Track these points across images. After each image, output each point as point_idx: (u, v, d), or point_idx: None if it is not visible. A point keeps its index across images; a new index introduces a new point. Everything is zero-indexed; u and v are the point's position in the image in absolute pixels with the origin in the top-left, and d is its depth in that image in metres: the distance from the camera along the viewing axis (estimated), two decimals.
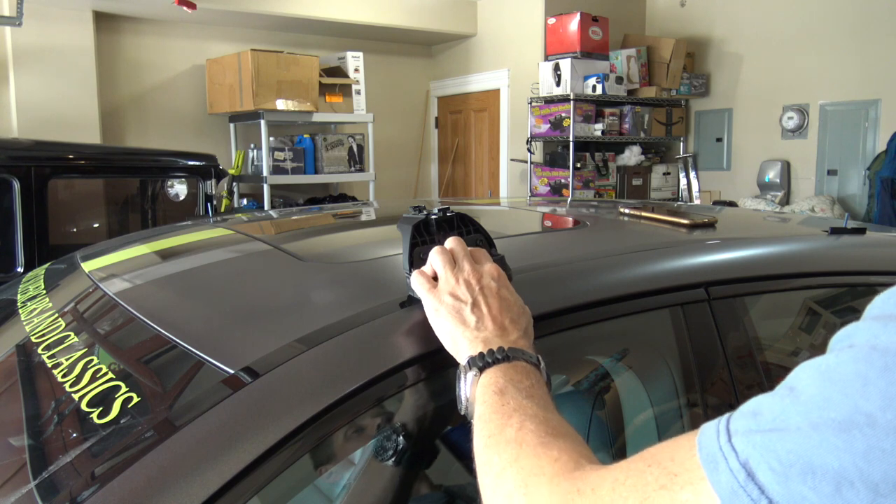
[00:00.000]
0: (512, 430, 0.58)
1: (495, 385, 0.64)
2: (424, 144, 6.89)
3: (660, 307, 0.94)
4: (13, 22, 4.11)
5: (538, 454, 0.55)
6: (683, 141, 5.95)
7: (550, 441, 0.56)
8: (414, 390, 0.78)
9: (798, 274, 1.10)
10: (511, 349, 0.67)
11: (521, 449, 0.56)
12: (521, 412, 0.60)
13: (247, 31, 5.58)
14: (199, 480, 0.60)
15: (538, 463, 0.54)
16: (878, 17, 4.88)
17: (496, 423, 0.60)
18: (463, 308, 0.71)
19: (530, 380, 0.65)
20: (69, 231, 3.32)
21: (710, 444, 0.42)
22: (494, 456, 0.58)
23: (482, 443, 0.60)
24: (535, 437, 0.57)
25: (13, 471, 0.74)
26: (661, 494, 0.42)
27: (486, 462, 0.58)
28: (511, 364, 0.66)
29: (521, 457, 0.56)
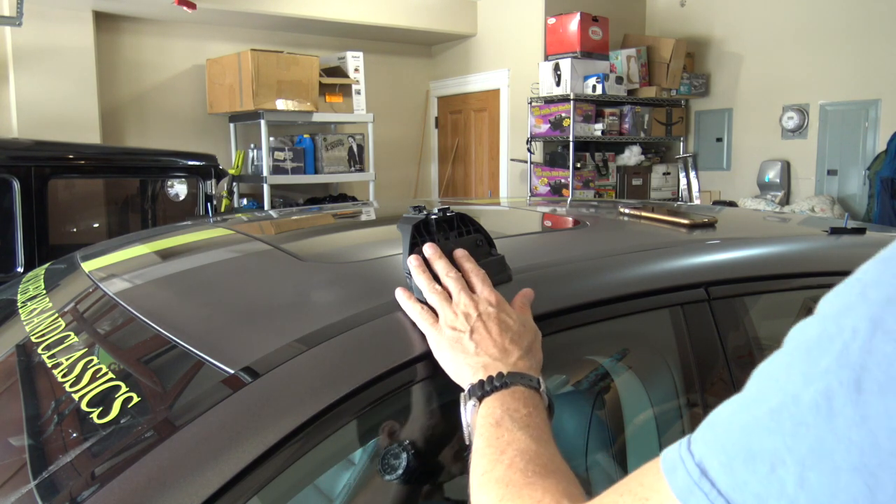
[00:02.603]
0: (502, 466, 0.59)
1: (492, 416, 0.64)
2: (424, 144, 6.89)
3: (660, 307, 0.94)
4: (13, 22, 4.11)
5: (522, 495, 0.56)
6: (683, 141, 5.95)
7: (536, 481, 0.57)
8: (414, 390, 0.78)
9: (798, 274, 1.10)
10: (510, 374, 0.67)
11: (506, 489, 0.57)
12: (514, 446, 0.61)
13: (247, 31, 5.58)
14: (199, 480, 0.60)
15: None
16: (879, 18, 4.88)
17: (489, 459, 0.61)
18: (462, 337, 0.72)
19: (528, 407, 0.65)
20: (69, 231, 3.32)
21: (671, 455, 0.44)
22: (483, 496, 0.59)
23: (476, 481, 0.61)
24: (522, 477, 0.58)
25: (13, 471, 0.74)
26: None
27: (476, 498, 0.60)
28: (510, 391, 0.66)
29: (506, 498, 0.57)
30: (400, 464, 0.79)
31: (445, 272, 0.78)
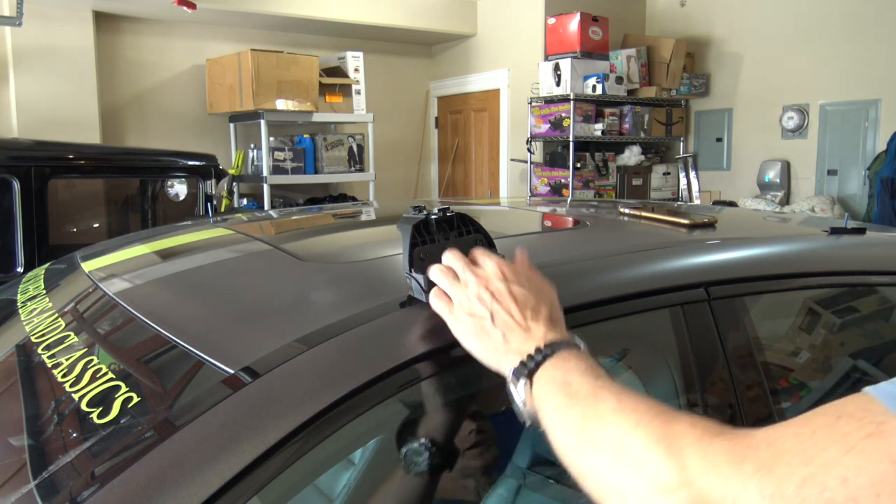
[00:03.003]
0: (610, 402, 0.56)
1: (555, 380, 0.62)
2: (424, 144, 6.89)
3: (660, 307, 0.94)
4: (13, 22, 4.11)
5: (666, 420, 0.52)
6: (683, 141, 5.95)
7: (668, 410, 0.53)
8: (414, 390, 0.78)
9: (798, 274, 1.10)
10: (548, 345, 0.65)
11: (639, 416, 0.53)
12: (606, 390, 0.58)
13: (247, 31, 5.58)
14: (199, 480, 0.60)
15: (671, 428, 0.51)
16: (878, 18, 4.88)
17: (584, 405, 0.57)
18: (485, 324, 0.70)
19: (586, 362, 0.63)
20: (69, 231, 3.32)
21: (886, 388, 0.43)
22: (603, 429, 0.54)
23: (573, 426, 0.57)
24: (647, 406, 0.54)
25: (13, 471, 0.74)
26: (871, 443, 0.41)
27: (591, 440, 0.55)
28: (556, 357, 0.64)
29: (644, 423, 0.52)
30: (400, 463, 0.79)
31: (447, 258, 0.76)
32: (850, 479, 0.41)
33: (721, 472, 0.46)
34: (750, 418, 0.93)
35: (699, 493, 0.46)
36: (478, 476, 0.92)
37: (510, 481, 0.91)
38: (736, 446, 0.47)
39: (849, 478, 0.41)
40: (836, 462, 0.41)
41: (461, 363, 0.78)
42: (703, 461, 0.47)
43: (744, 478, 0.44)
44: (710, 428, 0.50)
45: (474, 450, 0.89)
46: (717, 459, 0.47)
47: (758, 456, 0.45)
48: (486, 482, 0.92)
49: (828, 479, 0.41)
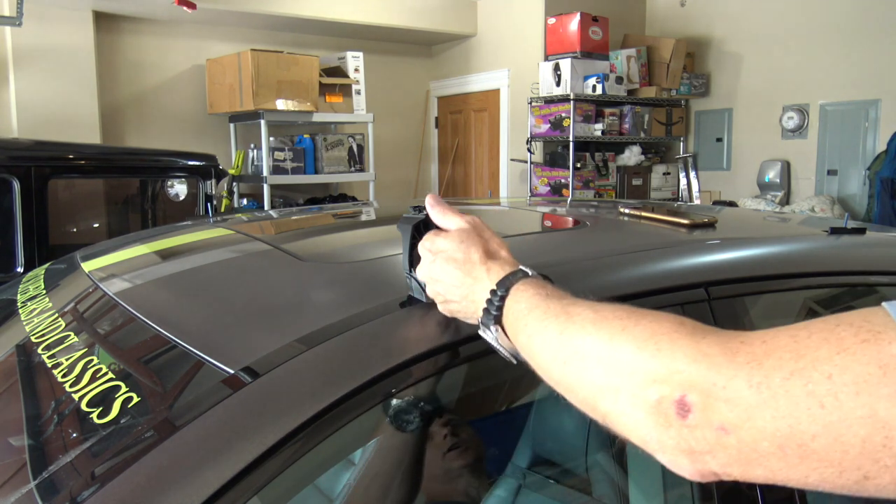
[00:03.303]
0: (587, 314, 0.56)
1: (521, 311, 0.62)
2: (424, 144, 6.89)
3: (660, 307, 0.94)
4: (13, 22, 4.11)
5: (653, 320, 0.53)
6: (683, 141, 5.95)
7: (652, 312, 0.54)
8: (414, 390, 0.78)
9: (798, 274, 1.10)
10: (498, 284, 0.66)
11: (622, 321, 0.54)
12: (576, 305, 0.58)
13: (247, 31, 5.58)
14: (199, 480, 0.60)
15: (660, 327, 0.52)
16: (879, 18, 4.88)
17: (558, 323, 0.57)
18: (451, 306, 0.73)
19: (545, 288, 0.63)
20: (69, 231, 3.32)
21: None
22: (585, 338, 0.55)
23: (554, 345, 0.57)
24: (626, 312, 0.55)
25: (13, 471, 0.74)
26: (864, 347, 0.42)
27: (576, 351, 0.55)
28: (513, 292, 0.64)
29: (630, 326, 0.53)
30: (400, 462, 0.79)
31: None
32: (835, 376, 0.42)
33: (713, 361, 0.47)
34: None
35: (689, 379, 0.47)
36: (477, 475, 0.92)
37: (510, 481, 0.91)
38: (730, 341, 0.48)
39: (834, 374, 0.42)
40: (825, 360, 0.42)
41: (461, 363, 0.78)
42: (695, 352, 0.48)
43: (735, 367, 0.46)
44: (700, 326, 0.51)
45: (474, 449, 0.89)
46: (710, 350, 0.48)
47: (751, 350, 0.46)
48: (485, 481, 0.92)
49: (814, 374, 0.42)
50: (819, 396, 0.42)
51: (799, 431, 0.42)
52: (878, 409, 0.40)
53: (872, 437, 0.40)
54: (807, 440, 0.42)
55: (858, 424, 0.40)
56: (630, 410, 0.50)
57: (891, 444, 0.40)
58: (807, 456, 0.42)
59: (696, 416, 0.46)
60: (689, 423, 0.47)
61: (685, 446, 0.47)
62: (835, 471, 0.42)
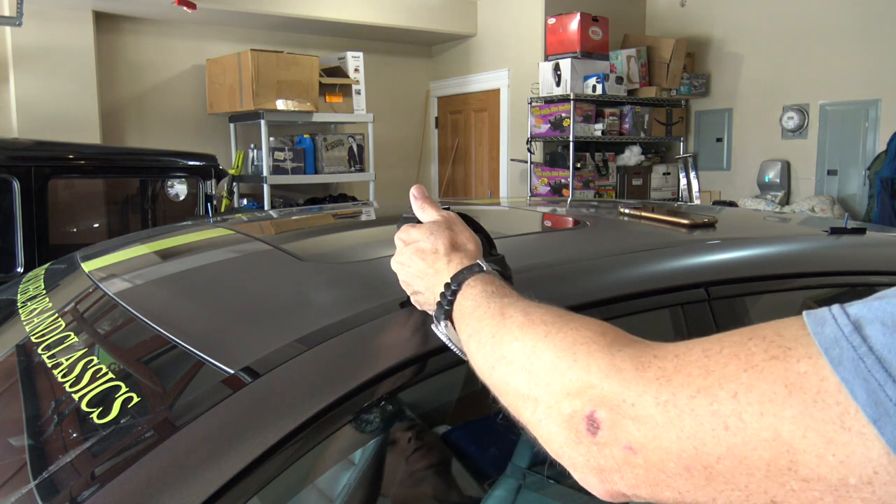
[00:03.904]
0: (517, 317, 0.56)
1: (466, 310, 0.63)
2: (424, 144, 6.89)
3: (660, 307, 0.94)
4: (13, 22, 4.11)
5: (575, 328, 0.52)
6: (683, 141, 5.95)
7: (578, 318, 0.53)
8: (413, 390, 0.78)
9: (798, 274, 1.10)
10: (453, 278, 0.66)
11: (547, 327, 0.53)
12: (512, 306, 0.58)
13: (247, 31, 5.58)
14: (199, 480, 0.60)
15: (580, 335, 0.51)
16: (879, 17, 4.88)
17: (492, 324, 0.58)
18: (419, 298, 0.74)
19: (492, 285, 0.64)
20: (69, 231, 3.32)
21: (819, 313, 0.41)
22: (512, 343, 0.54)
23: (486, 347, 0.57)
24: (554, 317, 0.54)
25: (13, 471, 0.74)
26: (771, 365, 0.40)
27: (503, 356, 0.55)
28: (463, 288, 0.65)
29: (553, 333, 0.52)
30: (400, 463, 0.78)
31: None
32: (741, 395, 0.40)
33: (624, 377, 0.46)
34: None
35: (601, 394, 0.46)
36: (478, 475, 0.92)
37: (510, 481, 0.91)
38: (643, 355, 0.46)
39: (739, 393, 0.40)
40: (732, 377, 0.41)
41: (461, 362, 0.78)
42: (609, 366, 0.47)
43: (644, 383, 0.44)
44: (620, 337, 0.50)
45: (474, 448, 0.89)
46: (623, 365, 0.46)
47: (662, 365, 0.45)
48: (486, 481, 0.92)
49: (720, 392, 0.41)
50: (724, 416, 0.40)
51: (704, 453, 0.41)
52: (782, 430, 0.38)
53: (777, 461, 0.38)
54: (712, 462, 0.41)
55: (763, 447, 0.39)
56: (546, 422, 0.49)
57: (796, 468, 0.38)
58: (713, 478, 0.41)
59: (605, 434, 0.45)
60: (598, 441, 0.45)
61: (594, 464, 0.46)
62: (741, 494, 0.40)
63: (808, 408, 0.38)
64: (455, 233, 0.73)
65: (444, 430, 0.92)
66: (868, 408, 0.36)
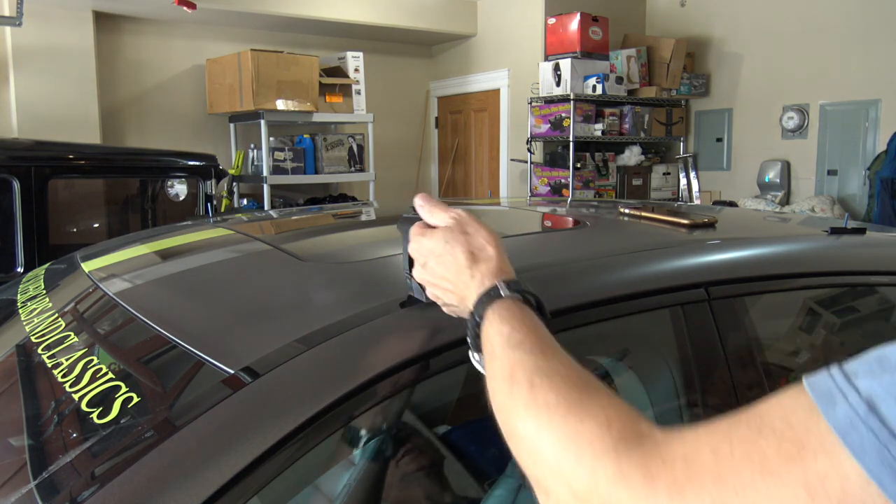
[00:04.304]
0: (522, 392, 0.53)
1: (488, 354, 0.60)
2: (424, 144, 6.89)
3: (660, 307, 0.94)
4: (13, 22, 4.11)
5: (578, 417, 0.49)
6: (683, 141, 5.95)
7: (583, 399, 0.50)
8: (413, 390, 0.78)
9: (798, 274, 1.10)
10: (476, 306, 0.63)
11: (550, 412, 0.50)
12: (519, 369, 0.55)
13: (247, 31, 5.58)
14: (199, 480, 0.60)
15: (584, 427, 0.48)
16: (879, 18, 4.88)
17: (503, 390, 0.55)
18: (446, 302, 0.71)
19: (508, 324, 0.59)
20: (69, 231, 3.32)
21: (823, 384, 0.39)
22: (517, 425, 0.52)
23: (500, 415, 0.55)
24: (558, 397, 0.51)
25: (13, 471, 0.74)
26: (788, 468, 0.38)
27: (511, 434, 0.53)
28: (486, 322, 0.61)
29: (555, 422, 0.49)
30: (400, 463, 0.78)
31: None
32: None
33: (633, 488, 0.44)
34: None
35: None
36: (478, 475, 0.92)
37: (510, 481, 0.91)
38: (651, 460, 0.44)
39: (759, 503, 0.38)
40: (748, 485, 0.39)
41: (461, 362, 0.78)
42: (616, 472, 0.45)
43: (654, 497, 0.42)
44: (626, 431, 0.47)
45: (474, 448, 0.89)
46: (631, 472, 0.44)
47: (672, 474, 0.42)
48: (486, 481, 0.92)
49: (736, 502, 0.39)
50: None
51: None
52: None
53: None
54: None
55: None
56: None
57: None
58: None
59: None
60: None
61: None
62: None
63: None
64: (470, 236, 0.69)
65: (444, 430, 0.92)
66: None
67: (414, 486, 0.84)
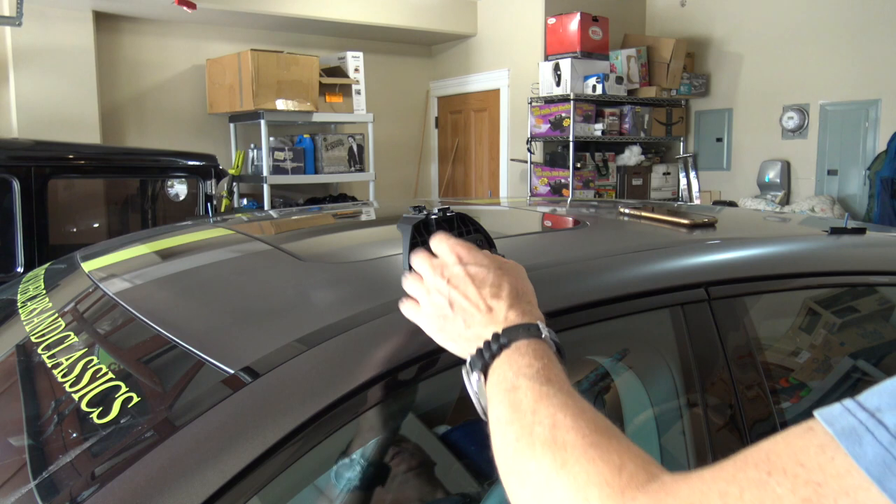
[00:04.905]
0: (543, 429, 0.51)
1: (505, 382, 0.58)
2: (424, 144, 6.89)
3: (660, 307, 0.94)
4: (13, 22, 4.11)
5: (592, 459, 0.48)
6: (683, 141, 5.95)
7: (601, 442, 0.49)
8: (414, 390, 0.78)
9: (798, 274, 1.10)
10: (505, 331, 0.61)
11: (566, 453, 0.49)
12: (546, 405, 0.53)
13: (247, 31, 5.58)
14: (199, 480, 0.60)
15: (596, 470, 0.47)
16: (879, 17, 4.88)
17: (521, 424, 0.53)
18: (447, 314, 0.67)
19: (540, 360, 0.58)
20: (69, 231, 3.32)
21: (843, 421, 0.37)
22: (530, 462, 0.50)
23: (509, 449, 0.53)
24: (578, 437, 0.50)
25: (13, 471, 0.74)
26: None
27: (518, 471, 0.51)
28: (512, 349, 0.60)
29: (570, 464, 0.48)
30: (400, 463, 0.78)
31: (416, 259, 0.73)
32: None
33: None
34: (750, 418, 0.93)
35: None
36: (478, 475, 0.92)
37: None
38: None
39: None
40: None
41: (461, 362, 0.78)
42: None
43: None
44: (637, 475, 0.46)
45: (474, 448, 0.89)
46: None
47: None
48: (486, 481, 0.92)
49: None
50: None
51: None
52: None
53: None
54: None
55: None
56: None
57: None
58: None
59: None
60: None
61: None
62: None
63: None
64: (521, 280, 0.68)
65: (443, 429, 0.92)
66: None
67: (414, 486, 0.84)
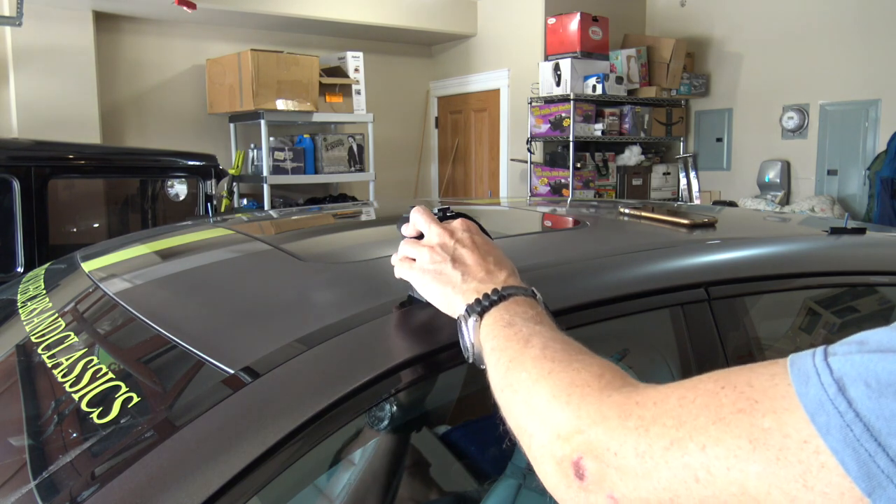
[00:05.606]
0: (535, 349, 0.57)
1: (501, 320, 0.62)
2: (424, 144, 6.89)
3: (660, 307, 0.94)
4: (13, 22, 4.11)
5: (576, 369, 0.53)
6: (683, 141, 5.95)
7: (586, 359, 0.55)
8: (414, 390, 0.78)
9: (798, 274, 1.10)
10: (504, 288, 0.66)
11: (553, 364, 0.55)
12: (538, 336, 0.59)
13: (247, 31, 5.58)
14: (199, 480, 0.60)
15: (579, 377, 0.52)
16: (879, 17, 4.88)
17: (514, 349, 0.58)
18: (444, 268, 0.70)
19: (535, 309, 0.64)
20: (69, 231, 3.32)
21: (803, 362, 0.41)
22: (521, 373, 0.56)
23: (502, 368, 0.58)
24: (565, 355, 0.56)
25: (13, 471, 0.74)
26: (738, 418, 0.41)
27: (512, 383, 0.56)
28: (509, 301, 0.65)
29: (556, 371, 0.54)
30: (399, 462, 0.78)
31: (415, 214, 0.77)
32: (708, 448, 0.41)
33: (609, 424, 0.47)
34: None
35: (588, 441, 0.48)
36: (478, 475, 0.92)
37: (510, 481, 0.91)
38: (627, 402, 0.48)
39: (707, 446, 0.41)
40: (702, 429, 0.42)
41: (461, 362, 0.78)
42: (597, 412, 0.49)
43: (626, 432, 0.46)
44: (614, 381, 0.51)
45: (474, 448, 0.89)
46: (609, 413, 0.48)
47: (642, 413, 0.46)
48: (486, 481, 0.92)
49: (690, 444, 0.42)
50: (694, 469, 0.41)
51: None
52: (748, 486, 0.39)
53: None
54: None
55: (732, 501, 0.40)
56: (541, 460, 0.51)
57: None
58: None
59: (591, 481, 0.47)
60: (585, 487, 0.47)
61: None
62: None
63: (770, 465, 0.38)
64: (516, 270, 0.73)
65: (444, 429, 0.92)
66: (861, 481, 0.36)
67: (414, 486, 0.84)
